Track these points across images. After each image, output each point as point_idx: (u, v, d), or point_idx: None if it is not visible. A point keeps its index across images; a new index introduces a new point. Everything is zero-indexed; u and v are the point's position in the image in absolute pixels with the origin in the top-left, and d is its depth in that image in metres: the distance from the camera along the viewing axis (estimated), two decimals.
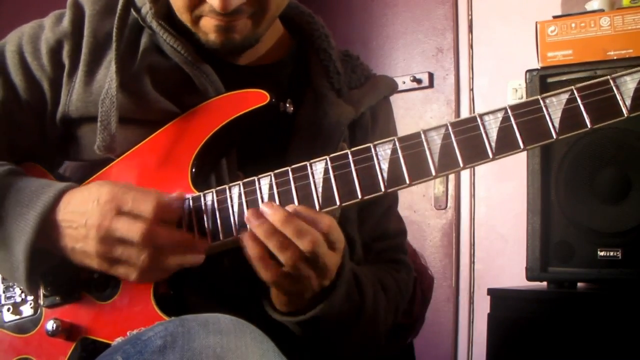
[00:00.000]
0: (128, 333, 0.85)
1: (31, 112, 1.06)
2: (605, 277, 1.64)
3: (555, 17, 1.89)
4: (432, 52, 2.75)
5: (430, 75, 2.72)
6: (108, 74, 1.00)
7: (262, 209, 0.84)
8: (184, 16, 0.99)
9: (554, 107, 0.77)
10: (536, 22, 1.86)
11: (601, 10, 1.86)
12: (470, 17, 2.65)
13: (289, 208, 0.84)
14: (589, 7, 2.01)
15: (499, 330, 1.66)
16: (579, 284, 1.75)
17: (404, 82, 2.72)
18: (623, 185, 1.65)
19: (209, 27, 0.98)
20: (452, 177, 2.65)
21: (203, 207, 0.89)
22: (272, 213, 0.83)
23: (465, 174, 2.63)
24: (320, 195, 0.83)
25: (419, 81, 2.73)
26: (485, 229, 2.56)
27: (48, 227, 0.89)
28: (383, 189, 0.81)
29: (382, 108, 1.17)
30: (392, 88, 1.20)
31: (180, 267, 0.89)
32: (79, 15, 1.06)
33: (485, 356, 1.69)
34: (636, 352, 1.46)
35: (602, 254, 1.65)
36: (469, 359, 2.54)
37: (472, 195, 2.60)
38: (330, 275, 0.87)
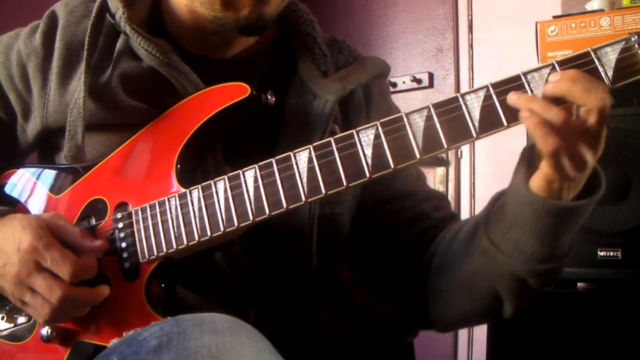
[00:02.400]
0: (124, 334, 0.85)
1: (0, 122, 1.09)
2: (605, 277, 1.63)
3: (555, 17, 1.89)
4: (432, 52, 2.74)
5: (430, 75, 2.72)
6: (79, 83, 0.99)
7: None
8: None
9: (536, 83, 0.76)
10: (536, 22, 1.86)
11: (601, 10, 1.86)
12: (470, 17, 2.65)
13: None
14: (589, 7, 2.01)
15: (499, 330, 1.66)
16: (579, 284, 1.74)
17: (404, 82, 2.72)
18: (623, 185, 1.64)
19: (245, 1, 0.96)
20: (452, 177, 2.65)
21: (190, 203, 0.89)
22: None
23: (465, 174, 2.63)
24: (305, 184, 0.82)
25: (419, 81, 2.73)
26: None
27: None
28: (368, 175, 0.80)
29: (376, 86, 1.16)
30: (383, 68, 1.18)
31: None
32: (52, 27, 1.06)
33: (485, 356, 1.69)
34: (636, 352, 1.45)
35: (602, 254, 1.65)
36: (469, 359, 2.54)
37: (472, 196, 2.60)
38: (596, 155, 0.79)
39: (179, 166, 0.93)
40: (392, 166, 0.79)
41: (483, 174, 2.57)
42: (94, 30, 1.01)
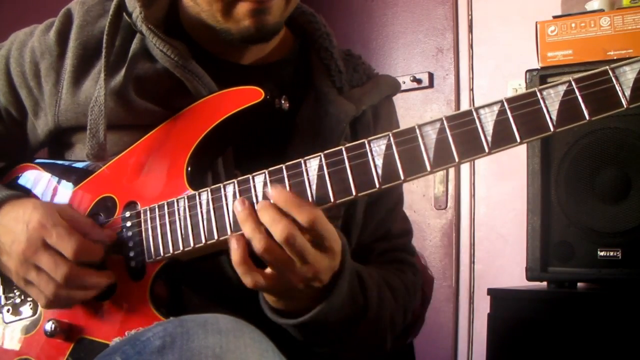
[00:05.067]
0: (126, 333, 0.85)
1: (9, 118, 1.10)
2: (605, 277, 1.64)
3: (555, 17, 1.89)
4: (432, 52, 2.74)
5: (430, 75, 2.72)
6: (98, 82, 0.99)
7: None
8: (214, 5, 0.97)
9: (552, 99, 0.75)
10: (536, 22, 1.86)
11: (601, 10, 1.86)
12: (470, 17, 2.65)
13: (275, 195, 0.81)
14: (589, 7, 2.01)
15: (499, 330, 1.66)
16: (579, 284, 1.75)
17: (404, 82, 2.72)
18: (623, 185, 1.65)
19: (243, 13, 0.97)
20: (452, 177, 2.65)
21: (198, 205, 0.89)
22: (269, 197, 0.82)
23: (465, 174, 2.62)
24: (314, 192, 0.82)
25: (419, 81, 2.73)
26: (485, 229, 2.56)
27: None
28: (377, 186, 0.80)
29: (384, 107, 1.17)
30: (395, 88, 1.20)
31: (82, 301, 0.93)
32: (67, 26, 1.06)
33: (485, 356, 1.69)
34: (636, 352, 1.45)
35: (602, 254, 1.65)
36: (469, 359, 2.54)
37: (472, 195, 2.60)
38: (318, 275, 0.83)
39: (189, 168, 0.94)
40: (402, 177, 0.79)
41: (483, 174, 2.57)
42: (112, 29, 1.01)
